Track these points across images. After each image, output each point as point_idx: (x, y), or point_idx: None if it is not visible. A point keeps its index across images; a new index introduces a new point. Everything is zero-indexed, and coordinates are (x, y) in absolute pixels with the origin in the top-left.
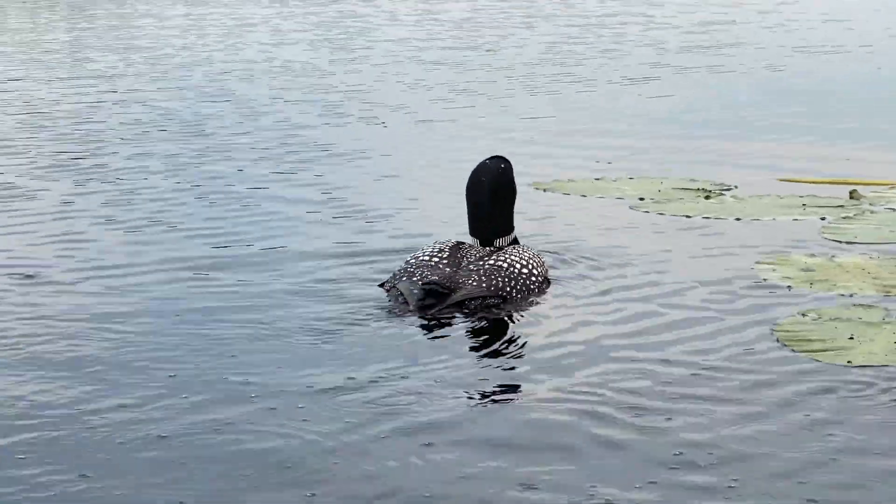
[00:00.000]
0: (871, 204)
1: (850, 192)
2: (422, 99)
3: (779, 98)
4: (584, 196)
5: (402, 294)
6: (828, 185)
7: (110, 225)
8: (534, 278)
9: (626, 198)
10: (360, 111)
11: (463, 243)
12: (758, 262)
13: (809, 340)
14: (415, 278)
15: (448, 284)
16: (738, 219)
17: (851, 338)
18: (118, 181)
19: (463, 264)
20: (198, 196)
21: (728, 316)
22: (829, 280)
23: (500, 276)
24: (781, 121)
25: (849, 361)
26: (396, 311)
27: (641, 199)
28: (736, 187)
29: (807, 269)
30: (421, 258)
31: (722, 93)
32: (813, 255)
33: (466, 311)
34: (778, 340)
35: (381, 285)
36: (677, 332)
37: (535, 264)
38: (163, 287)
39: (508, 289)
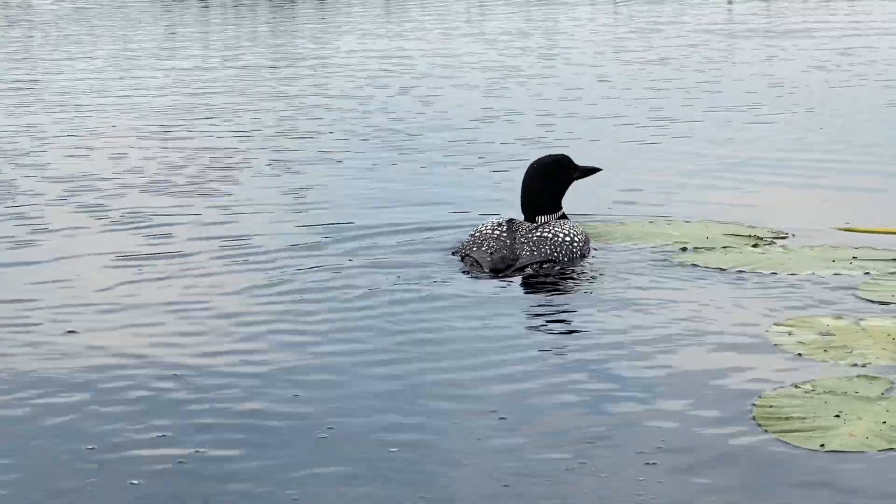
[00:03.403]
0: None
1: None
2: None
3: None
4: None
5: (475, 261)
6: (892, 236)
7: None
8: (576, 244)
9: (668, 244)
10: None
11: (514, 219)
12: (776, 324)
13: (788, 419)
14: (483, 248)
15: (512, 257)
16: (774, 273)
17: (838, 415)
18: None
19: (518, 237)
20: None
21: (716, 383)
22: (845, 346)
23: (548, 244)
24: (867, 163)
25: (821, 445)
26: (472, 274)
27: (684, 248)
28: (793, 235)
29: (826, 334)
30: (484, 231)
31: (803, 132)
32: (839, 317)
33: (525, 274)
34: (754, 418)
35: (454, 254)
36: (650, 395)
37: (574, 234)
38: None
39: (556, 254)
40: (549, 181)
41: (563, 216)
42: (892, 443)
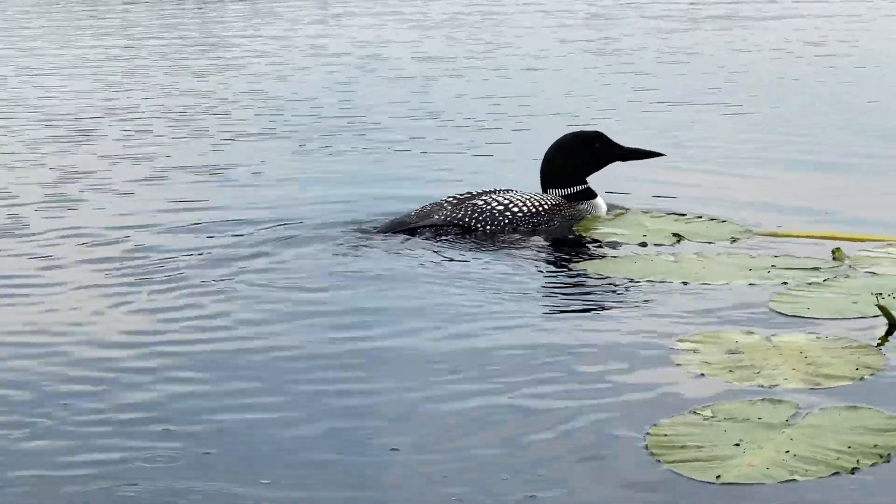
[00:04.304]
0: (851, 266)
1: (833, 251)
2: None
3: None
4: None
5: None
6: (828, 241)
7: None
8: (507, 215)
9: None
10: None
11: (509, 190)
12: (680, 341)
13: (683, 447)
14: (412, 213)
15: (411, 220)
16: (685, 282)
17: (738, 444)
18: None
19: (465, 203)
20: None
21: (609, 408)
22: (754, 366)
23: (467, 209)
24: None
25: (718, 477)
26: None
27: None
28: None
29: (734, 351)
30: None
31: (759, 122)
32: (750, 333)
33: (425, 236)
34: (647, 447)
35: None
36: (534, 419)
37: (521, 204)
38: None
39: (468, 219)
40: (563, 156)
41: (584, 193)
42: (793, 473)
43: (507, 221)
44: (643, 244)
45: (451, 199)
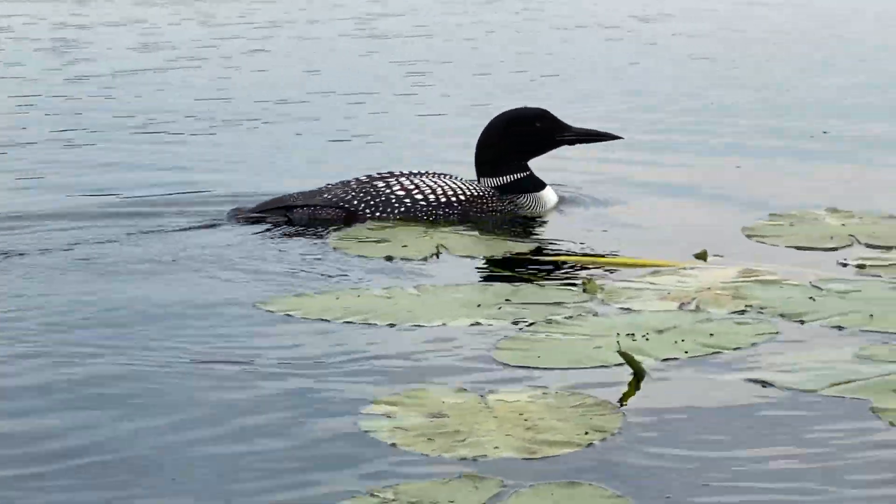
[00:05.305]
0: (603, 300)
1: (584, 282)
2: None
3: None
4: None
5: None
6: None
7: None
8: (408, 201)
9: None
10: None
11: (442, 175)
12: (374, 402)
13: None
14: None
15: (293, 199)
16: (391, 324)
17: None
18: None
19: (369, 184)
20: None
21: (265, 492)
22: (460, 432)
23: (362, 192)
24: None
25: None
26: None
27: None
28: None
29: (438, 415)
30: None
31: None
32: (462, 390)
33: (293, 217)
34: None
35: None
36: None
37: (429, 192)
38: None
39: (357, 202)
40: (492, 138)
41: (524, 183)
42: None
43: (404, 209)
44: (389, 258)
45: (364, 177)
